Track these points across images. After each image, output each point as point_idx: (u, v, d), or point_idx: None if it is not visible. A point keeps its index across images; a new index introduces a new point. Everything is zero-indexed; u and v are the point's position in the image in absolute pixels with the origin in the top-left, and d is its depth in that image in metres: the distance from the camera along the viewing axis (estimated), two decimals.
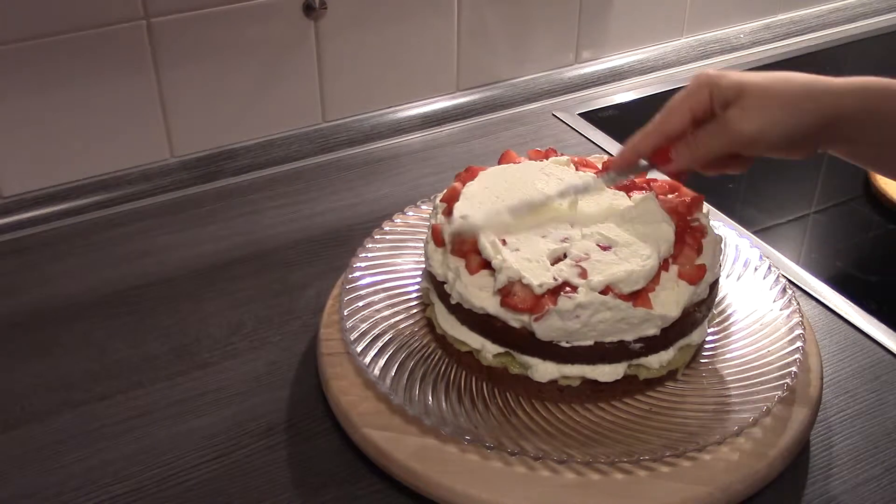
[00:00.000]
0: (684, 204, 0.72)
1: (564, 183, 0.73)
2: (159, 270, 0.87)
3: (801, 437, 0.67)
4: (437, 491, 0.63)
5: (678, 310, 0.66)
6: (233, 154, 1.03)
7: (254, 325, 0.81)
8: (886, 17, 1.40)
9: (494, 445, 0.63)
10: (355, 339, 0.71)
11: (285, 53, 1.01)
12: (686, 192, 0.73)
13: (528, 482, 0.63)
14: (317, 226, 0.94)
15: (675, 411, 0.68)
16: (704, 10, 1.27)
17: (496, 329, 0.67)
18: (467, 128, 1.12)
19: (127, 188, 0.98)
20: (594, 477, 0.63)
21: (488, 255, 0.66)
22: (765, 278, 0.78)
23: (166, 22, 0.93)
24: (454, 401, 0.68)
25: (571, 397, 0.68)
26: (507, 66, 1.16)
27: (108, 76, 0.93)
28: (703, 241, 0.69)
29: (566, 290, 0.64)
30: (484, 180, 0.74)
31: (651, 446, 0.64)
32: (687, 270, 0.67)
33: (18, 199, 0.94)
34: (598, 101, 1.18)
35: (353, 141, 1.07)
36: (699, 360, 0.72)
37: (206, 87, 0.99)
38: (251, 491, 0.66)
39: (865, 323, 0.81)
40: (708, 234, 0.70)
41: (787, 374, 0.68)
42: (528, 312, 0.64)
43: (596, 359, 0.67)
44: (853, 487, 0.66)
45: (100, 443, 0.69)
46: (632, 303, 0.64)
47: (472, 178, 0.75)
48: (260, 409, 0.72)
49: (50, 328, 0.80)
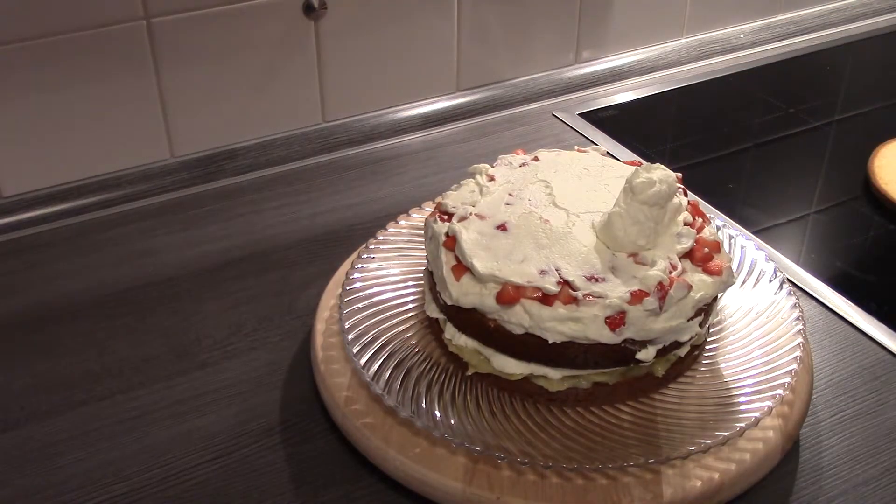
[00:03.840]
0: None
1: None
2: (159, 270, 0.87)
3: (796, 436, 0.67)
4: (435, 492, 0.63)
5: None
6: (233, 154, 1.03)
7: (254, 325, 0.81)
8: (886, 17, 1.41)
9: (504, 455, 0.63)
10: (352, 339, 0.71)
11: (285, 53, 1.01)
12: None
13: (529, 483, 0.63)
14: (317, 226, 0.94)
15: (677, 412, 0.68)
16: (704, 10, 1.27)
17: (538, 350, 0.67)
18: (467, 128, 1.12)
19: (127, 188, 0.98)
20: (602, 481, 0.63)
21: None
22: (770, 282, 0.78)
23: (166, 22, 0.93)
24: (460, 407, 0.67)
25: (577, 401, 0.69)
26: (507, 66, 1.16)
27: (108, 76, 0.93)
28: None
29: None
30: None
31: (654, 448, 0.64)
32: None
33: (18, 199, 0.94)
34: (598, 101, 1.18)
35: (353, 141, 1.08)
36: (700, 361, 0.72)
37: (206, 87, 0.99)
38: (251, 491, 0.66)
39: (865, 323, 0.81)
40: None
41: (789, 372, 0.68)
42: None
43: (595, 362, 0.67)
44: (852, 488, 0.66)
45: (100, 443, 0.70)
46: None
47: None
48: (260, 409, 0.72)
49: (50, 328, 0.80)
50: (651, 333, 0.65)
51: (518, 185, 0.74)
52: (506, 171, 0.76)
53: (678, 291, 0.65)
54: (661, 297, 0.64)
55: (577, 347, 0.65)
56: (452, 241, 0.69)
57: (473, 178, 0.76)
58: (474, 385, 0.70)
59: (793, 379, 0.68)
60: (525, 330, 0.65)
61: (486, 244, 0.68)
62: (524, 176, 0.76)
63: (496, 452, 0.63)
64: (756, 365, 0.71)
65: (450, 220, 0.71)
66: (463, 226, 0.70)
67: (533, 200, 0.73)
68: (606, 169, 0.77)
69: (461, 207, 0.72)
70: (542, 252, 0.67)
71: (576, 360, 0.66)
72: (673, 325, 0.66)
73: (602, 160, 0.78)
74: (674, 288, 0.65)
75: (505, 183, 0.75)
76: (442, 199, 0.74)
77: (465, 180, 0.76)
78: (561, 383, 0.68)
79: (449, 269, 0.68)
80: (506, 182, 0.75)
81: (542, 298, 0.65)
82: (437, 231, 0.71)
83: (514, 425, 0.66)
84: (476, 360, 0.70)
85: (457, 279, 0.67)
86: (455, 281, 0.68)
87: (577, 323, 0.64)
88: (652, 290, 0.64)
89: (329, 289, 0.79)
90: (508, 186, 0.74)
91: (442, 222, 0.71)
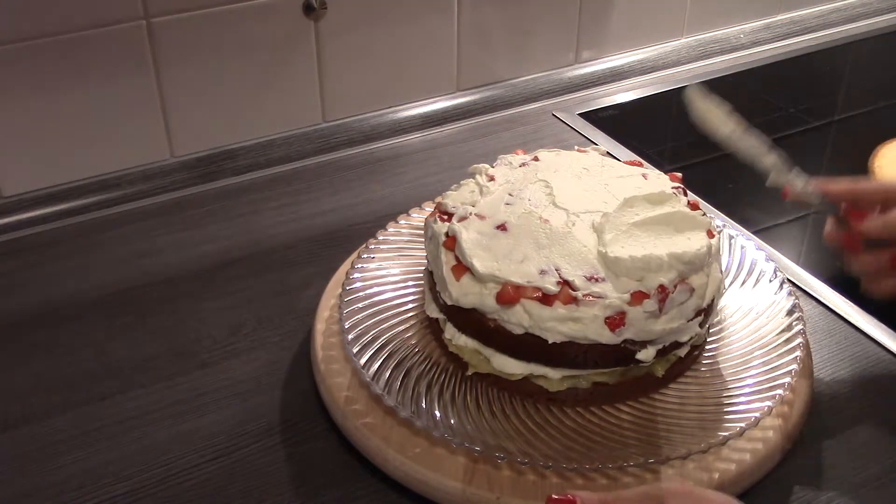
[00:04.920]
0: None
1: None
2: (159, 270, 0.87)
3: (796, 436, 0.67)
4: (435, 492, 0.63)
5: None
6: (233, 154, 1.03)
7: (254, 325, 0.81)
8: (886, 17, 1.40)
9: (504, 455, 0.63)
10: (352, 339, 0.71)
11: (285, 53, 1.01)
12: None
13: (529, 483, 0.63)
14: (317, 226, 0.94)
15: (677, 412, 0.68)
16: (704, 10, 1.27)
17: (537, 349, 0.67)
18: (467, 128, 1.12)
19: (127, 188, 0.98)
20: (602, 481, 0.63)
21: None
22: (770, 282, 0.78)
23: (166, 22, 0.93)
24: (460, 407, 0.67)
25: (577, 401, 0.69)
26: (507, 66, 1.16)
27: (108, 76, 0.93)
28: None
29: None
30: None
31: (654, 448, 0.64)
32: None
33: (18, 199, 0.94)
34: (598, 101, 1.18)
35: (353, 141, 1.07)
36: (700, 361, 0.72)
37: (206, 87, 0.99)
38: (251, 491, 0.66)
39: (865, 323, 0.81)
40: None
41: (789, 372, 0.68)
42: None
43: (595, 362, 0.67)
44: (852, 488, 0.66)
45: (100, 443, 0.69)
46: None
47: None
48: (260, 409, 0.72)
49: (50, 328, 0.80)
50: (651, 334, 0.65)
51: (518, 185, 0.74)
52: (506, 171, 0.76)
53: (681, 295, 0.65)
54: (662, 299, 0.64)
55: (577, 347, 0.65)
56: (452, 241, 0.69)
57: (473, 178, 0.76)
58: (474, 385, 0.70)
59: (793, 379, 0.68)
60: (525, 330, 0.65)
61: (486, 244, 0.68)
62: (524, 176, 0.76)
63: (496, 452, 0.63)
64: (756, 365, 0.71)
65: (450, 220, 0.71)
66: (463, 226, 0.70)
67: (533, 200, 0.72)
68: (606, 169, 0.77)
69: (461, 207, 0.72)
70: (542, 252, 0.67)
71: (576, 360, 0.66)
72: (673, 326, 0.66)
73: (602, 160, 0.78)
74: (677, 291, 0.65)
75: (505, 183, 0.75)
76: (442, 199, 0.74)
77: (465, 180, 0.76)
78: (561, 383, 0.68)
79: (449, 269, 0.68)
80: (506, 182, 0.75)
81: (542, 298, 0.65)
82: (437, 231, 0.71)
83: (514, 425, 0.66)
84: (476, 360, 0.70)
85: (457, 279, 0.67)
86: (455, 281, 0.68)
87: (577, 323, 0.64)
88: (652, 293, 0.64)
89: (329, 289, 0.79)
90: (508, 186, 0.74)
91: (442, 222, 0.71)
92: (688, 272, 0.66)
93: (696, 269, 0.67)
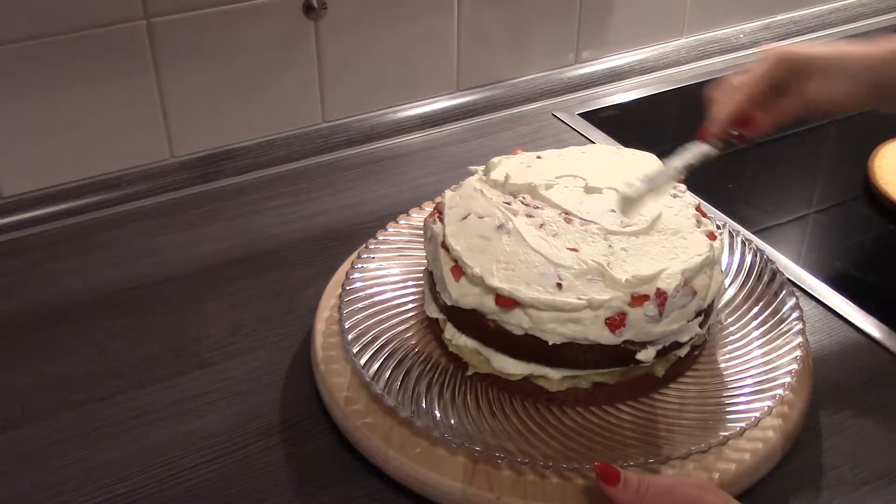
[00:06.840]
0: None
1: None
2: (159, 270, 0.87)
3: (796, 436, 0.67)
4: (435, 492, 0.63)
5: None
6: (233, 154, 1.03)
7: (254, 325, 0.81)
8: (886, 17, 1.40)
9: (504, 455, 0.63)
10: (352, 339, 0.71)
11: (285, 53, 1.01)
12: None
13: (529, 483, 0.63)
14: (317, 226, 0.94)
15: (677, 412, 0.68)
16: (704, 10, 1.27)
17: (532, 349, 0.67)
18: (467, 128, 1.12)
19: (127, 188, 0.98)
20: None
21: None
22: (770, 282, 0.78)
23: (166, 22, 0.93)
24: (460, 407, 0.68)
25: (577, 401, 0.69)
26: (507, 66, 1.16)
27: (108, 76, 0.93)
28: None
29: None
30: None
31: (654, 448, 0.64)
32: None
33: (18, 199, 0.94)
34: (598, 101, 1.18)
35: (353, 141, 1.07)
36: (700, 361, 0.72)
37: (206, 87, 0.99)
38: (251, 491, 0.66)
39: (865, 323, 0.81)
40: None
41: (789, 372, 0.68)
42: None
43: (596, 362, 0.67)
44: (852, 488, 0.66)
45: (100, 443, 0.69)
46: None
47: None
48: (260, 409, 0.72)
49: (50, 328, 0.80)
50: (651, 335, 0.65)
51: (517, 186, 0.74)
52: (504, 172, 0.76)
53: (682, 298, 0.65)
54: (661, 303, 0.64)
55: (577, 348, 0.65)
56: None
57: (473, 178, 0.76)
58: (474, 385, 0.70)
59: (793, 379, 0.68)
60: (525, 331, 0.65)
61: (482, 247, 0.68)
62: (524, 176, 0.76)
63: (496, 452, 0.63)
64: (756, 365, 0.71)
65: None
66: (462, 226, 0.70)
67: (533, 201, 0.73)
68: (606, 169, 0.77)
69: (461, 208, 0.72)
70: (541, 255, 0.67)
71: (576, 360, 0.66)
72: (674, 328, 0.66)
73: (601, 160, 0.78)
74: (679, 295, 0.65)
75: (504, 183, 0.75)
76: (441, 200, 0.74)
77: (465, 180, 0.76)
78: (561, 383, 0.68)
79: (448, 270, 0.68)
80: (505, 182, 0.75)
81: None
82: (437, 231, 0.71)
83: (514, 425, 0.66)
84: (476, 360, 0.70)
85: (456, 280, 0.67)
86: (454, 281, 0.68)
87: (577, 324, 0.64)
88: (651, 295, 0.64)
89: (329, 289, 0.79)
90: (507, 187, 0.74)
91: (441, 223, 0.71)
92: (691, 276, 0.66)
93: (699, 272, 0.67)
